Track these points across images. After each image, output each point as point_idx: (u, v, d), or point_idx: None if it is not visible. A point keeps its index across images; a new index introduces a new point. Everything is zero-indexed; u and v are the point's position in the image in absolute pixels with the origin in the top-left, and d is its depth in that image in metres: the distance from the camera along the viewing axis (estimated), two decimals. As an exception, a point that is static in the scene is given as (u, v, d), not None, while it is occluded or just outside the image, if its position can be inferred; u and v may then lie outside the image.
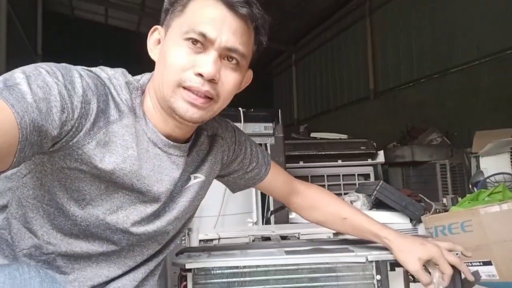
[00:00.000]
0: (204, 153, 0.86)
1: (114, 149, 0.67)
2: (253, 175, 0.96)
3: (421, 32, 5.34)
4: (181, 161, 0.78)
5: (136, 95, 0.72)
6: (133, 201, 0.73)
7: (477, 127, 3.39)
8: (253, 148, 0.96)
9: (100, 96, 0.66)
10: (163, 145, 0.74)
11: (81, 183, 0.67)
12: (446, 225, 1.64)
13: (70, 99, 0.60)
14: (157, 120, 0.74)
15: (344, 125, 6.15)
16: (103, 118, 0.66)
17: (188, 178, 0.82)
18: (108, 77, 0.70)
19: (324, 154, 3.17)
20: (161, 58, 0.71)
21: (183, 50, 0.68)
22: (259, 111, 2.32)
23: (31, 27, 5.29)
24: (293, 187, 1.01)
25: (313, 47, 8.22)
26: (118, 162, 0.67)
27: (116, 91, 0.69)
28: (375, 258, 0.87)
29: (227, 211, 2.03)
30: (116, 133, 0.68)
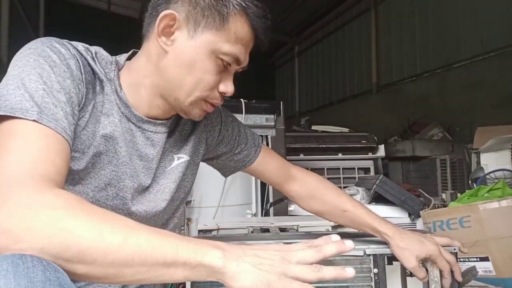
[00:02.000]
0: (188, 132, 0.86)
1: (99, 117, 0.70)
2: (242, 156, 0.95)
3: (425, 26, 5.29)
4: (156, 137, 0.77)
5: (110, 69, 0.72)
6: (120, 177, 0.73)
7: (479, 123, 3.38)
8: (241, 129, 0.96)
9: (85, 67, 0.67)
10: (136, 120, 0.74)
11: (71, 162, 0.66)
12: (445, 220, 1.64)
13: (77, 87, 0.65)
14: (137, 98, 0.74)
15: (345, 119, 6.14)
16: (91, 89, 0.69)
17: (172, 159, 0.82)
18: (84, 49, 0.70)
19: (325, 147, 3.18)
20: (185, 60, 0.70)
21: (214, 68, 0.70)
22: (260, 102, 2.31)
23: (33, 13, 5.26)
24: (289, 173, 0.99)
25: (316, 39, 8.16)
26: (99, 129, 0.69)
27: (93, 61, 0.70)
28: (372, 251, 0.88)
29: (226, 202, 2.04)
30: (101, 103, 0.70)
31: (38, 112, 0.56)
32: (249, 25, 0.71)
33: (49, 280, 0.43)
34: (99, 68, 0.71)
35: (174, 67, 0.71)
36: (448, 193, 2.56)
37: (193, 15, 0.68)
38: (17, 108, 0.55)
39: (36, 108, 0.56)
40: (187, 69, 0.70)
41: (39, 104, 0.57)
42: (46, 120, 0.56)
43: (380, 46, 6.29)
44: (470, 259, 1.55)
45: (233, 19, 0.69)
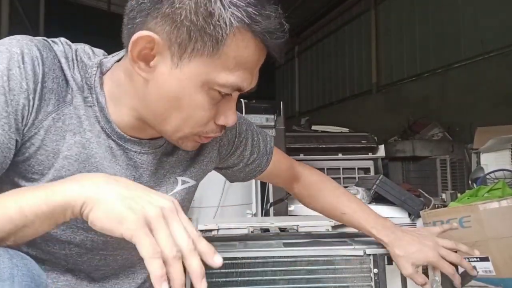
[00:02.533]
0: (194, 151, 0.74)
1: (65, 134, 0.60)
2: (254, 166, 0.87)
3: (426, 26, 5.29)
4: (141, 159, 0.66)
5: (90, 73, 0.61)
6: None
7: (479, 123, 3.38)
8: (254, 137, 0.86)
9: (50, 72, 0.57)
10: (117, 137, 0.63)
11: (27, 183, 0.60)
12: (445, 220, 1.64)
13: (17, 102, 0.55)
14: (121, 112, 0.62)
15: (345, 119, 6.14)
16: (53, 99, 0.58)
17: (175, 181, 0.72)
18: (62, 50, 0.60)
19: (325, 147, 3.18)
20: (167, 93, 0.57)
21: (207, 101, 0.57)
22: (261, 102, 2.31)
23: (33, 13, 5.26)
24: (295, 172, 0.94)
25: (316, 39, 8.16)
26: (62, 149, 0.59)
27: (68, 66, 0.60)
28: (373, 251, 0.87)
29: (226, 202, 2.04)
30: (69, 116, 0.60)
31: None
32: (256, 44, 0.55)
33: (16, 266, 0.44)
34: (75, 75, 0.60)
35: (156, 99, 0.58)
36: (448, 193, 2.56)
37: (176, 38, 0.53)
38: None
39: None
40: (172, 103, 0.57)
41: None
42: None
43: (380, 46, 6.29)
44: (470, 259, 1.55)
45: (232, 41, 0.54)
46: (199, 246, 0.46)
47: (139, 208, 0.45)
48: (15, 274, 0.43)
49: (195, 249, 0.46)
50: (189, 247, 0.45)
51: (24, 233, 0.47)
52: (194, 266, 0.45)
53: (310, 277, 0.88)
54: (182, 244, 0.45)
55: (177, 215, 0.47)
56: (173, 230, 0.45)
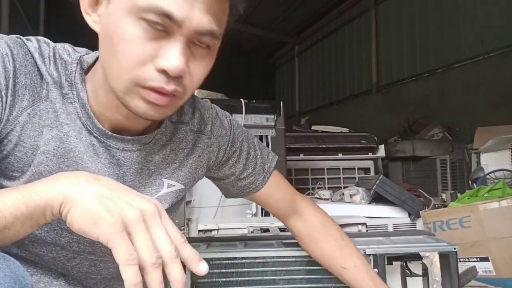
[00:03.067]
0: (185, 153, 0.71)
1: (42, 129, 0.57)
2: (247, 183, 0.80)
3: (426, 26, 5.29)
4: (124, 156, 0.63)
5: (70, 70, 0.59)
6: None
7: (479, 123, 3.38)
8: (251, 151, 0.80)
9: (21, 68, 0.55)
10: (99, 133, 0.60)
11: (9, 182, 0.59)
12: (445, 220, 1.64)
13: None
14: (103, 106, 0.60)
15: (345, 119, 6.14)
16: (27, 95, 0.56)
17: (161, 184, 0.68)
18: (36, 46, 0.58)
19: (325, 147, 3.17)
20: (106, 37, 0.53)
21: (139, 34, 0.50)
22: (260, 102, 2.31)
23: (33, 13, 5.26)
24: (296, 206, 0.85)
25: (316, 39, 8.16)
26: (40, 145, 0.57)
27: (42, 61, 0.58)
28: (373, 251, 0.87)
29: (226, 202, 2.04)
30: (45, 111, 0.58)
31: None
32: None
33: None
34: (50, 70, 0.58)
35: (102, 49, 0.55)
36: (448, 193, 2.57)
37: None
38: None
39: None
40: (109, 46, 0.53)
41: None
42: None
43: (380, 46, 6.29)
44: (470, 259, 1.55)
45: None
46: (182, 252, 0.44)
47: (117, 209, 0.43)
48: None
49: (177, 256, 0.43)
50: (171, 253, 0.42)
51: (5, 235, 0.45)
52: (175, 274, 0.42)
53: (310, 277, 0.88)
54: (163, 250, 0.42)
55: (159, 219, 0.44)
56: (153, 235, 0.43)
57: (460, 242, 1.52)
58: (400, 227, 1.92)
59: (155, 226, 0.44)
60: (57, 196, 0.44)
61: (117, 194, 0.45)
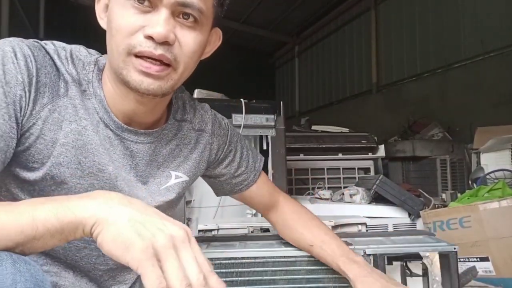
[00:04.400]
0: (188, 148, 0.78)
1: (61, 124, 0.63)
2: (240, 180, 0.88)
3: (426, 26, 5.29)
4: (137, 148, 0.69)
5: (88, 70, 0.66)
6: (87, 189, 0.65)
7: (479, 123, 3.38)
8: (243, 151, 0.89)
9: (42, 68, 0.61)
10: (115, 127, 0.67)
11: (28, 173, 0.63)
12: (445, 220, 1.64)
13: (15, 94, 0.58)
14: (116, 100, 0.66)
15: (345, 119, 6.14)
16: (48, 93, 0.61)
17: (169, 176, 0.75)
18: (54, 48, 0.64)
19: (325, 147, 3.17)
20: (109, 24, 0.62)
21: (128, 11, 0.59)
22: (260, 102, 2.31)
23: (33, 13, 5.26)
24: (275, 199, 0.93)
25: (316, 39, 8.16)
26: (60, 138, 0.62)
27: (61, 62, 0.64)
28: (373, 251, 0.87)
29: (226, 202, 2.04)
30: (64, 107, 0.63)
31: None
32: None
33: (19, 272, 0.43)
34: (69, 69, 0.64)
35: (107, 41, 0.63)
36: (448, 193, 2.57)
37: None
38: None
39: None
40: (109, 30, 0.62)
41: None
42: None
43: (380, 46, 6.29)
44: (470, 259, 1.55)
45: None
46: (210, 282, 0.45)
47: (148, 235, 0.44)
48: (17, 280, 0.42)
49: (205, 285, 0.44)
50: (199, 281, 0.44)
51: (33, 244, 0.46)
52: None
53: (310, 277, 0.88)
54: (192, 278, 0.43)
55: (189, 245, 0.46)
56: (183, 261, 0.44)
57: (460, 242, 1.52)
58: (400, 227, 1.92)
59: (185, 252, 0.45)
60: (91, 217, 0.46)
61: (149, 219, 0.46)
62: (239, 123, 2.09)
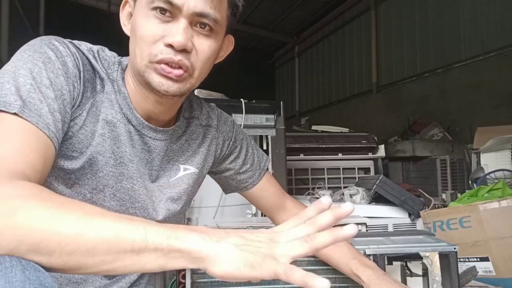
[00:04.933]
0: (196, 143, 0.83)
1: (98, 116, 0.69)
2: (246, 177, 0.92)
3: (426, 26, 5.29)
4: (155, 144, 0.75)
5: (113, 69, 0.72)
6: (117, 177, 0.71)
7: (479, 123, 3.38)
8: (249, 149, 0.93)
9: (84, 66, 0.67)
10: (137, 123, 0.72)
11: (66, 162, 0.66)
12: (445, 220, 1.64)
13: (73, 84, 0.64)
14: (138, 99, 0.72)
15: (346, 119, 6.14)
16: (90, 88, 0.68)
17: (178, 169, 0.80)
18: (87, 48, 0.70)
19: (325, 147, 3.17)
20: (132, 32, 0.69)
21: (151, 21, 0.65)
22: (261, 102, 2.31)
23: (33, 13, 5.26)
24: (283, 202, 0.95)
25: (316, 39, 8.16)
26: (97, 129, 0.68)
27: (95, 60, 0.70)
28: (373, 251, 0.87)
29: (226, 202, 2.04)
30: (101, 102, 0.69)
31: (20, 106, 0.55)
32: None
33: (28, 279, 0.42)
34: (101, 67, 0.70)
35: (130, 45, 0.69)
36: (448, 193, 2.57)
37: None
38: (1, 101, 0.55)
39: (20, 102, 0.56)
40: (134, 37, 0.68)
41: (23, 98, 0.56)
42: (27, 115, 0.55)
43: (380, 46, 6.29)
44: (470, 259, 1.55)
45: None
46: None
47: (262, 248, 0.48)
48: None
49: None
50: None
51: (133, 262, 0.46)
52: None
53: (310, 277, 0.88)
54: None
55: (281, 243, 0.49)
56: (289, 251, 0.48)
57: (460, 242, 1.52)
58: (400, 227, 1.92)
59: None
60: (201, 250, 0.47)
61: (250, 238, 0.49)
62: (239, 123, 2.09)
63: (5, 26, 3.65)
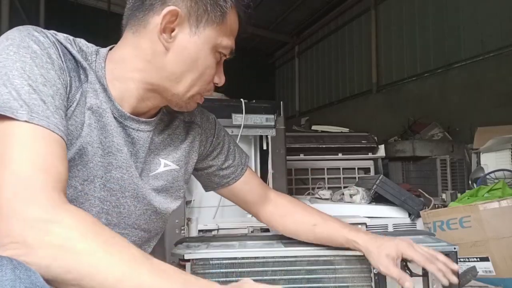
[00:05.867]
0: (179, 139, 0.83)
1: (85, 106, 0.68)
2: (228, 173, 0.93)
3: (426, 26, 5.29)
4: (137, 135, 0.74)
5: (92, 59, 0.70)
6: (106, 167, 0.70)
7: (479, 123, 3.38)
8: (231, 145, 0.94)
9: (65, 55, 0.65)
10: (118, 115, 0.71)
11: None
12: (445, 220, 1.64)
13: (61, 77, 0.63)
14: (122, 92, 0.71)
15: (346, 119, 6.14)
16: (76, 77, 0.67)
17: (158, 163, 0.79)
18: (64, 37, 0.68)
19: (325, 147, 3.17)
20: (185, 57, 0.70)
21: (213, 61, 0.72)
22: (261, 102, 2.31)
23: (33, 13, 5.25)
24: (267, 194, 0.98)
25: (316, 39, 8.16)
26: (85, 119, 0.67)
27: (74, 49, 0.68)
28: (373, 252, 0.87)
29: (226, 202, 2.03)
30: (86, 91, 0.68)
31: (28, 112, 0.54)
32: (238, 17, 0.74)
33: (19, 278, 0.42)
34: (81, 57, 0.68)
35: (174, 63, 0.70)
36: (448, 193, 2.57)
37: (195, 11, 0.68)
38: (6, 108, 0.53)
39: (26, 107, 0.54)
40: (189, 65, 0.70)
41: (27, 102, 0.55)
42: (37, 119, 0.55)
43: (380, 46, 6.29)
44: (470, 259, 1.55)
45: (231, 12, 0.71)
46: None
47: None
48: (17, 286, 0.42)
49: None
50: None
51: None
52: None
53: (310, 277, 0.88)
54: None
55: None
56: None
57: (460, 242, 1.52)
58: (400, 227, 1.92)
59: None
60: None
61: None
62: (239, 123, 2.09)
63: (5, 26, 3.64)
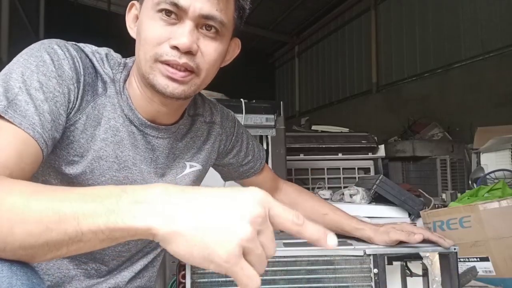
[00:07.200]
0: (201, 140, 0.85)
1: (100, 120, 0.69)
2: (248, 168, 0.97)
3: (426, 26, 5.29)
4: (157, 143, 0.75)
5: (117, 70, 0.72)
6: (121, 182, 0.72)
7: (479, 123, 3.38)
8: (249, 141, 0.97)
9: (86, 69, 0.67)
10: (139, 123, 0.73)
11: (68, 167, 0.68)
12: (445, 220, 1.64)
13: (68, 87, 0.64)
14: (141, 101, 0.72)
15: (346, 119, 6.14)
16: (90, 91, 0.68)
17: (184, 166, 0.81)
18: (91, 51, 0.71)
19: (325, 147, 3.17)
20: (138, 34, 0.70)
21: (157, 23, 0.65)
22: (261, 102, 2.31)
23: (33, 13, 5.26)
24: (277, 184, 1.04)
25: (316, 39, 8.16)
26: (100, 133, 0.69)
27: (98, 63, 0.70)
28: (373, 251, 0.88)
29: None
30: (102, 105, 0.70)
31: (4, 107, 0.56)
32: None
33: (16, 275, 0.42)
34: (106, 70, 0.71)
35: (136, 47, 0.70)
36: (448, 193, 2.56)
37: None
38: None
39: (5, 103, 0.56)
40: (139, 39, 0.69)
41: (10, 99, 0.57)
42: (10, 115, 0.56)
43: (380, 46, 6.29)
44: (470, 259, 1.55)
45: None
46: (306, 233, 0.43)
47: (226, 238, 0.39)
48: (13, 283, 0.41)
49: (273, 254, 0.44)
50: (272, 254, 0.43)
51: (79, 246, 0.42)
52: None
53: (310, 277, 0.88)
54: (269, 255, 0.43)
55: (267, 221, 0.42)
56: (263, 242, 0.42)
57: (460, 242, 1.52)
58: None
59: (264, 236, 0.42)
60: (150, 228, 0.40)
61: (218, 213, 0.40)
62: (239, 123, 2.09)
63: (5, 26, 3.64)
